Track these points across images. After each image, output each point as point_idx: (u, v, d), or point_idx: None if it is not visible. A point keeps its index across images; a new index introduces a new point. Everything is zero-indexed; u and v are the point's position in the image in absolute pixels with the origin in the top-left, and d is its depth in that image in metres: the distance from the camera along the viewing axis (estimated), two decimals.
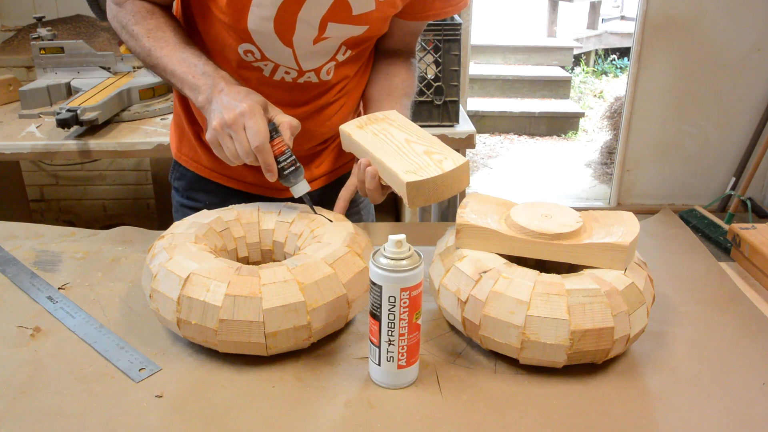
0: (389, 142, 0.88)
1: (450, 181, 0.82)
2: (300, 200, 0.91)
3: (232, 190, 1.12)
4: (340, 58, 1.00)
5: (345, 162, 1.18)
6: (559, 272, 0.77)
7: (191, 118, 1.10)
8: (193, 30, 1.00)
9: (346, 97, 1.07)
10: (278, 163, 0.85)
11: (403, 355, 0.69)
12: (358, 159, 0.91)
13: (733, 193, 3.37)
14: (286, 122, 0.86)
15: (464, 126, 1.83)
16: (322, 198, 1.16)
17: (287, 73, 0.99)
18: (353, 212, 1.22)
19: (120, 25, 0.97)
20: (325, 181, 1.16)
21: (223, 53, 0.98)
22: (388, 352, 0.69)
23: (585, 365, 0.74)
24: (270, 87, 0.99)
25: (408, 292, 0.66)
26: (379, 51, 1.11)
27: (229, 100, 0.83)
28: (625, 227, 0.77)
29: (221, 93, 0.85)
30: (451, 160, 0.83)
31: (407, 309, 0.67)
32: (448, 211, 2.08)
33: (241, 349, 0.73)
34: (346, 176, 1.18)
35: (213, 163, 1.11)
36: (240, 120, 0.82)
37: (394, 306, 0.67)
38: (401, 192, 0.81)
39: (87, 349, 0.77)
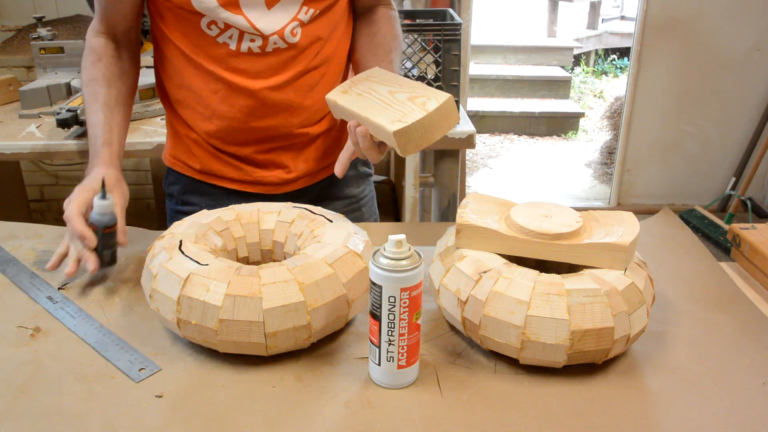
0: (374, 98, 0.88)
1: (437, 120, 0.81)
2: (297, 200, 0.92)
3: (226, 190, 1.11)
4: (304, 18, 0.99)
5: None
6: (559, 272, 0.77)
7: (179, 121, 1.10)
8: (161, 30, 1.03)
9: (326, 66, 1.06)
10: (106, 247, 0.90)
11: (403, 355, 0.69)
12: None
13: (733, 193, 3.37)
14: (118, 194, 0.95)
15: (464, 126, 1.83)
16: (322, 193, 1.16)
17: (252, 41, 0.98)
18: (354, 209, 1.21)
19: (83, 58, 1.05)
20: (320, 177, 1.15)
21: (192, 38, 0.99)
22: (388, 352, 0.69)
23: (585, 365, 0.74)
24: (241, 61, 0.99)
25: (408, 292, 0.66)
26: (356, 12, 1.11)
27: (76, 191, 0.92)
28: (625, 227, 0.77)
29: (82, 182, 0.94)
30: (434, 99, 0.82)
31: (407, 309, 0.67)
32: (448, 211, 2.08)
33: (241, 349, 0.73)
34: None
35: (204, 165, 1.11)
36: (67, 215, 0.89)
37: (394, 306, 0.67)
38: (391, 143, 0.81)
39: (87, 349, 0.77)
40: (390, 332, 0.68)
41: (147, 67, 2.07)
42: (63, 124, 1.59)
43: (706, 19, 3.20)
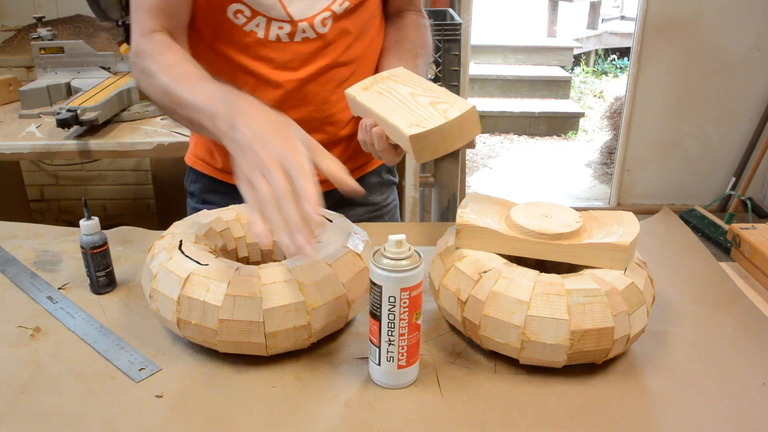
0: (393, 98, 0.84)
1: (457, 129, 0.77)
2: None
3: None
4: (338, 9, 0.98)
5: (366, 161, 1.15)
6: (559, 272, 0.77)
7: None
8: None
9: (355, 64, 1.04)
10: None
11: (403, 355, 0.69)
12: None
13: (733, 193, 3.37)
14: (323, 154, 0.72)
15: None
16: (344, 199, 1.14)
17: (281, 28, 0.97)
18: (376, 216, 1.20)
19: (139, 71, 0.89)
20: (333, 185, 1.13)
21: (219, 28, 0.97)
22: (388, 352, 0.69)
23: (585, 365, 0.74)
24: (269, 49, 0.98)
25: (408, 292, 0.66)
26: (387, 19, 1.10)
27: (256, 126, 0.70)
28: (625, 227, 0.77)
29: (242, 116, 0.72)
30: (456, 107, 0.78)
31: (407, 309, 0.67)
32: (448, 211, 2.09)
33: (241, 349, 0.73)
34: (366, 176, 1.16)
35: (226, 164, 1.10)
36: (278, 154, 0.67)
37: (394, 306, 0.67)
38: (406, 147, 0.78)
39: (87, 349, 0.77)
40: (390, 332, 0.68)
41: None
42: (63, 124, 1.59)
43: (706, 19, 3.20)
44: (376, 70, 1.08)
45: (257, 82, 1.00)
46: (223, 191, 1.12)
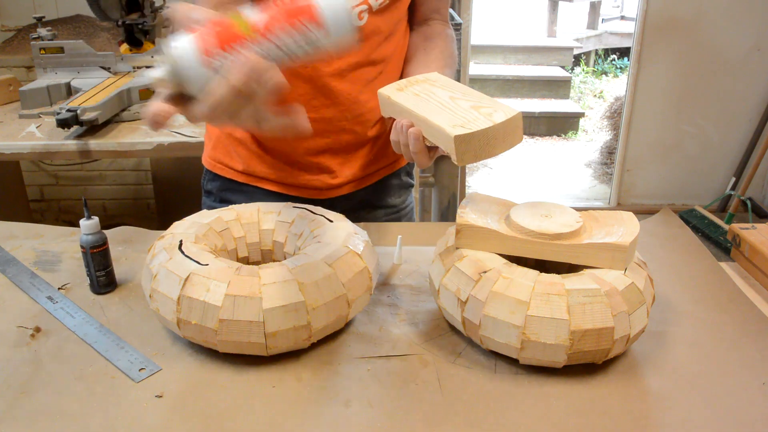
0: (432, 100, 0.82)
1: (502, 134, 0.76)
2: (338, 205, 0.85)
3: (266, 191, 1.10)
4: (373, 3, 0.97)
5: (389, 162, 1.15)
6: (559, 272, 0.77)
7: None
8: None
9: (383, 64, 1.04)
10: None
11: None
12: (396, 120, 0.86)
13: (733, 193, 3.37)
14: None
15: None
16: (364, 201, 1.13)
17: None
18: (394, 219, 1.19)
19: None
20: (363, 183, 1.13)
21: None
22: None
23: (585, 365, 0.74)
24: None
25: None
26: (412, 22, 1.10)
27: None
28: (625, 227, 0.77)
29: None
30: (501, 112, 0.77)
31: None
32: (448, 211, 2.09)
33: (241, 349, 0.73)
34: (385, 178, 1.16)
35: (248, 166, 1.09)
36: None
37: None
38: (449, 148, 0.76)
39: (87, 349, 0.77)
40: None
41: (147, 67, 2.07)
42: (63, 124, 1.59)
43: (706, 19, 3.20)
44: (402, 77, 1.07)
45: (289, 76, 0.97)
46: (244, 191, 1.12)
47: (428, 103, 0.82)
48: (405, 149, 0.84)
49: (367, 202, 1.16)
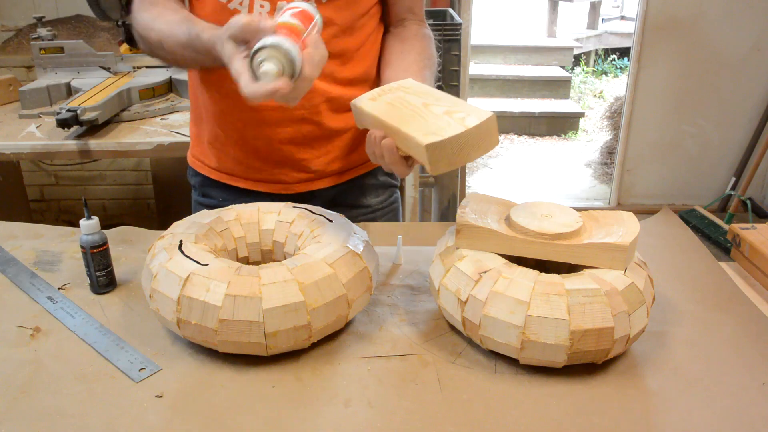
0: (405, 108, 0.80)
1: (476, 139, 0.74)
2: (310, 202, 0.88)
3: (240, 189, 1.11)
4: None
5: (361, 162, 1.14)
6: (559, 272, 0.77)
7: (196, 119, 1.10)
8: None
9: (344, 58, 1.02)
10: None
11: None
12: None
13: (733, 193, 3.37)
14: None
15: None
16: (337, 199, 1.13)
17: (261, 6, 0.95)
18: (369, 219, 1.18)
19: (137, 24, 0.97)
20: (335, 181, 1.12)
21: (202, 4, 0.97)
22: None
23: (585, 365, 0.74)
24: None
25: None
26: (387, 23, 1.09)
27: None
28: (625, 227, 0.77)
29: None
30: (474, 116, 0.74)
31: None
32: (448, 211, 2.09)
33: (241, 349, 0.73)
34: (360, 177, 1.16)
35: (218, 164, 1.10)
36: None
37: None
38: (422, 158, 0.73)
39: (87, 349, 0.77)
40: None
41: (148, 67, 2.07)
42: (63, 124, 1.59)
43: (706, 19, 3.20)
44: (380, 83, 1.05)
45: None
46: (220, 187, 1.13)
47: (401, 111, 0.80)
48: (381, 161, 0.82)
49: (341, 201, 1.14)
